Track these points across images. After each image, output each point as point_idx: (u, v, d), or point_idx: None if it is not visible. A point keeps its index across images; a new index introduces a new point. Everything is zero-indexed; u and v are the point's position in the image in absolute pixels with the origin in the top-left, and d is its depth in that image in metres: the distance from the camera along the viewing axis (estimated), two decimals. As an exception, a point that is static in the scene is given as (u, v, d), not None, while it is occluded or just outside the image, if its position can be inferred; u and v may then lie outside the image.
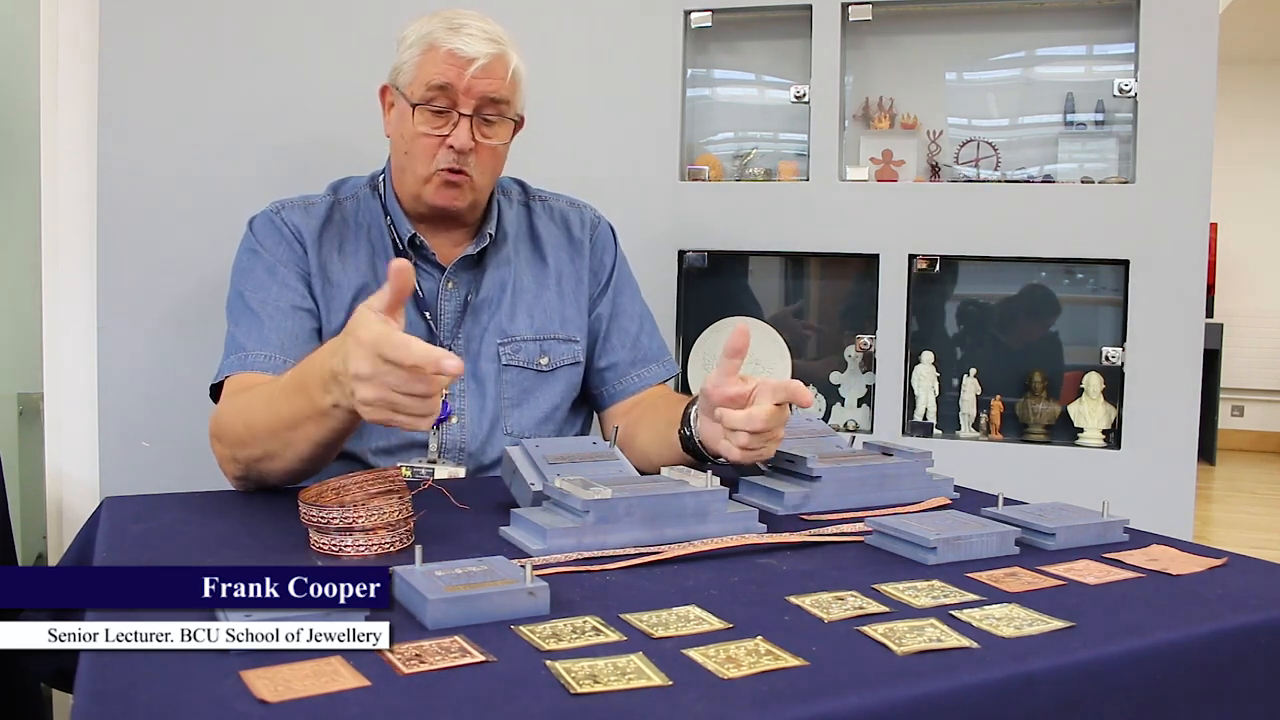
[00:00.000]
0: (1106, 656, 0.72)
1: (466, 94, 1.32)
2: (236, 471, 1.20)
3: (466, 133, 1.32)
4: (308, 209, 1.41)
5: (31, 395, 1.99)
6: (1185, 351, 1.83)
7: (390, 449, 1.36)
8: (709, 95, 2.15)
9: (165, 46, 1.76)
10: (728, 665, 0.66)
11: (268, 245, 1.37)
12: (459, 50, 1.30)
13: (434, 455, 1.37)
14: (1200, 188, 1.80)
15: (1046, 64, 2.04)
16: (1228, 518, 5.08)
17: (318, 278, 1.37)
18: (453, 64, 1.31)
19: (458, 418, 1.39)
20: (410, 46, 1.34)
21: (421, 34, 1.34)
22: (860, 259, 1.99)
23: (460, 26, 1.32)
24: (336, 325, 1.35)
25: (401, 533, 0.94)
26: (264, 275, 1.35)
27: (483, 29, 1.33)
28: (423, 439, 1.37)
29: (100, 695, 0.60)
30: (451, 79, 1.31)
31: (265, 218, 1.40)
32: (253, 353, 1.29)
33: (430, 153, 1.34)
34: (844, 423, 2.05)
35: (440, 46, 1.31)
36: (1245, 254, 6.61)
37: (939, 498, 1.19)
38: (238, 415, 1.19)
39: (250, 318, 1.32)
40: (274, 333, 1.31)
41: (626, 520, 0.96)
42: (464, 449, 1.39)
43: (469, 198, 1.37)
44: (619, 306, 1.52)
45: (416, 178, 1.36)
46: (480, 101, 1.33)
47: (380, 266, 1.40)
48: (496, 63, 1.33)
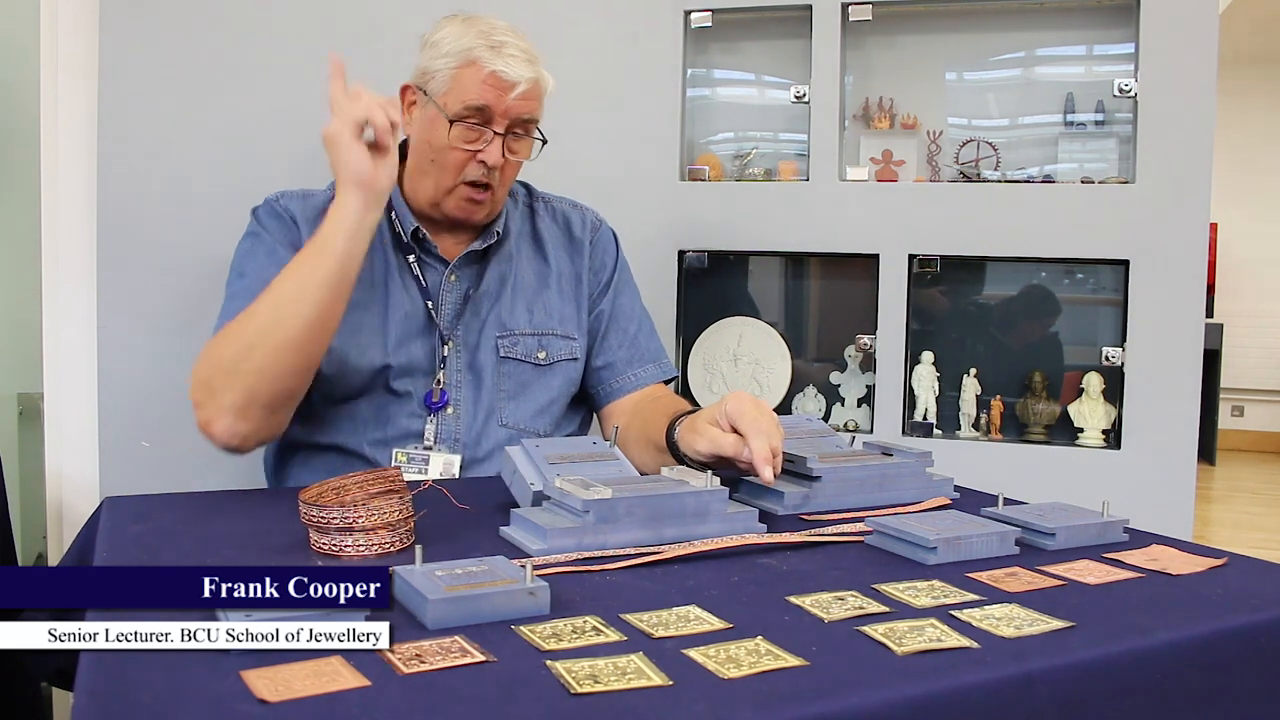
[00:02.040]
0: (1106, 656, 0.72)
1: (504, 115, 1.34)
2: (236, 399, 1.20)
3: (498, 151, 1.35)
4: (305, 199, 1.43)
5: (31, 395, 1.99)
6: (1185, 351, 1.82)
7: (386, 439, 1.37)
8: (709, 95, 2.15)
9: (165, 47, 1.76)
10: (728, 665, 0.66)
11: (269, 228, 1.39)
12: (503, 74, 1.32)
13: (430, 443, 1.38)
14: (1200, 188, 1.80)
15: (1046, 64, 2.04)
16: (1228, 518, 5.08)
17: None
18: (495, 87, 1.32)
19: (454, 408, 1.40)
20: (445, 56, 1.34)
21: (461, 48, 1.33)
22: (860, 259, 1.99)
23: (501, 45, 1.33)
24: None
25: (402, 533, 0.94)
26: (263, 255, 1.37)
27: (521, 49, 1.34)
28: (419, 429, 1.38)
29: (100, 695, 0.60)
30: (491, 101, 1.33)
31: (267, 204, 1.43)
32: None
33: (460, 166, 1.36)
34: (844, 423, 2.05)
35: (483, 66, 1.32)
36: (1245, 254, 6.61)
37: (939, 498, 1.19)
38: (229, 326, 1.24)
39: (243, 292, 1.32)
40: None
41: (627, 520, 0.96)
42: (459, 439, 1.39)
43: (487, 210, 1.41)
44: (618, 307, 1.52)
45: (440, 187, 1.38)
46: (513, 121, 1.35)
47: (378, 259, 1.40)
48: (535, 86, 1.36)
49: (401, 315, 1.40)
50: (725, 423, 1.13)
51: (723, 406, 1.14)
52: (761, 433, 1.09)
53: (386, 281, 1.41)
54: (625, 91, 1.99)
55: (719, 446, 1.12)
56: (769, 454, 1.08)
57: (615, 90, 1.98)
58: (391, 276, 1.41)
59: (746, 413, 1.11)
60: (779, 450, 1.10)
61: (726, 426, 1.13)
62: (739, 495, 1.17)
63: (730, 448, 1.11)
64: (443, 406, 1.39)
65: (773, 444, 1.09)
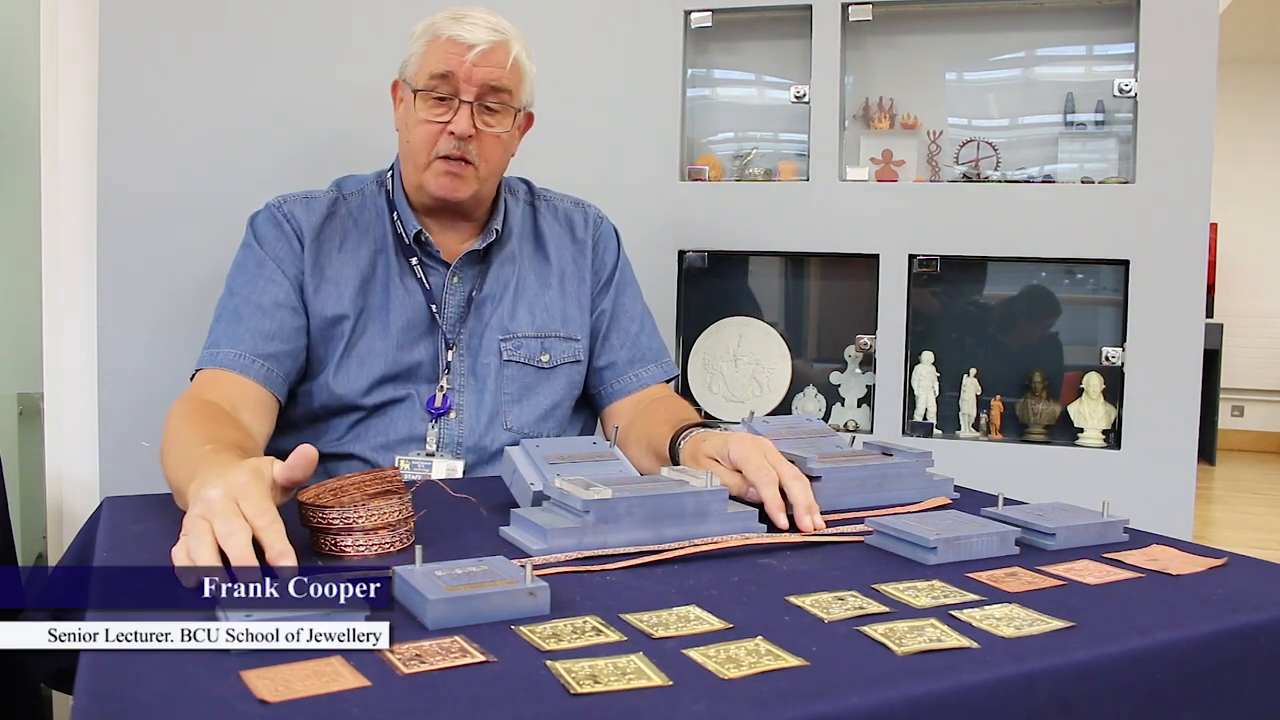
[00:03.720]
0: (1106, 656, 0.72)
1: (468, 81, 1.33)
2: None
3: (467, 119, 1.33)
4: (309, 203, 1.41)
5: (31, 395, 1.99)
6: (1185, 351, 1.82)
7: (389, 444, 1.37)
8: (709, 95, 2.15)
9: (165, 46, 1.76)
10: (728, 665, 0.66)
11: (264, 239, 1.38)
12: (459, 37, 1.32)
13: (432, 449, 1.38)
14: (1200, 188, 1.80)
15: (1046, 64, 2.03)
16: (1228, 518, 5.08)
17: (313, 272, 1.37)
18: (453, 50, 1.32)
19: (456, 412, 1.39)
20: (416, 39, 1.37)
21: (426, 25, 1.37)
22: (860, 259, 1.99)
23: (463, 17, 1.34)
24: (328, 318, 1.36)
25: (402, 533, 0.94)
26: (253, 270, 1.36)
27: (485, 19, 1.35)
28: (421, 433, 1.38)
29: (100, 695, 0.60)
30: (452, 66, 1.33)
31: (267, 212, 1.41)
32: (224, 350, 1.31)
33: (431, 139, 1.35)
34: (844, 423, 2.05)
35: (442, 35, 1.34)
36: (1245, 254, 6.61)
37: (939, 498, 1.19)
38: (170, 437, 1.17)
39: (229, 315, 1.33)
40: (248, 331, 1.32)
41: (627, 520, 0.96)
42: (462, 443, 1.39)
43: (471, 187, 1.38)
44: (620, 306, 1.52)
45: (417, 165, 1.37)
46: (481, 89, 1.34)
47: (381, 262, 1.40)
48: (497, 50, 1.34)
49: (404, 319, 1.39)
50: (728, 464, 1.13)
51: (726, 447, 1.13)
52: (769, 483, 1.07)
53: (388, 285, 1.40)
54: (625, 91, 1.99)
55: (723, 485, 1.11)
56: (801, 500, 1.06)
57: (615, 90, 1.98)
58: (393, 279, 1.40)
59: (750, 462, 1.09)
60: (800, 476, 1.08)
61: (729, 466, 1.13)
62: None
63: (734, 489, 1.09)
64: (445, 412, 1.39)
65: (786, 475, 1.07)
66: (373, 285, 1.39)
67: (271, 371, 1.31)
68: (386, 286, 1.40)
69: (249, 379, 1.29)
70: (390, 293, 1.40)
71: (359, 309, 1.38)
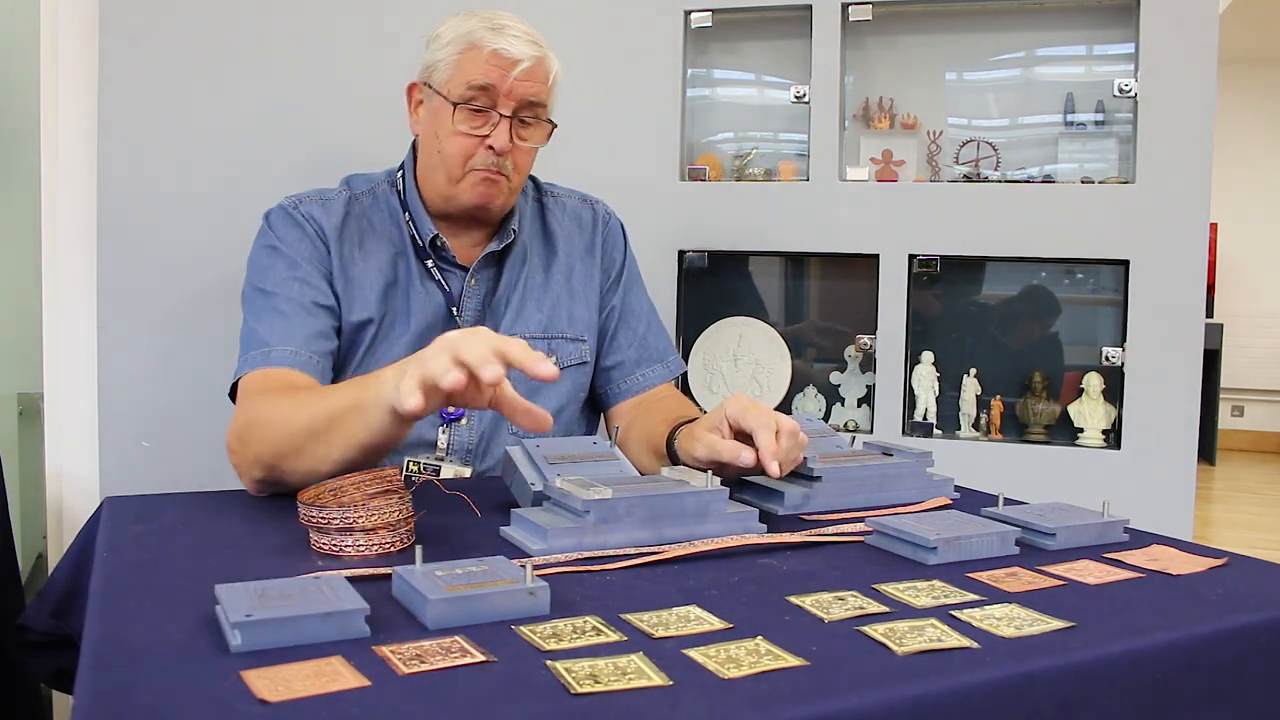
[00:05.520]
0: (1106, 656, 0.72)
1: (508, 96, 1.31)
2: (258, 473, 1.15)
3: (506, 134, 1.31)
4: (325, 204, 1.38)
5: (31, 395, 1.99)
6: (1185, 351, 1.83)
7: (400, 447, 1.36)
8: (709, 95, 2.15)
9: (165, 47, 1.76)
10: (728, 665, 0.66)
11: (288, 240, 1.33)
12: (504, 51, 1.29)
13: (442, 453, 1.37)
14: (1200, 188, 1.80)
15: (1046, 64, 2.04)
16: (1228, 518, 5.08)
17: (339, 275, 1.34)
18: (496, 65, 1.30)
19: (467, 418, 1.38)
20: (447, 45, 1.32)
21: (461, 32, 1.32)
22: (860, 259, 1.99)
23: (503, 27, 1.31)
24: (355, 322, 1.34)
25: (402, 533, 0.94)
26: (285, 271, 1.31)
27: (525, 31, 1.32)
28: (431, 437, 1.37)
29: (100, 695, 0.60)
30: (494, 80, 1.30)
31: (283, 211, 1.36)
32: (277, 348, 1.26)
33: (467, 152, 1.33)
34: (844, 423, 2.05)
35: (483, 46, 1.30)
36: (1245, 254, 6.61)
37: (939, 498, 1.19)
38: (272, 409, 1.15)
39: (273, 314, 1.29)
40: (299, 330, 1.28)
41: (627, 520, 0.96)
42: (470, 449, 1.38)
43: (504, 197, 1.37)
44: (628, 305, 1.51)
45: (450, 177, 1.34)
46: (520, 104, 1.32)
47: (402, 265, 1.39)
48: (539, 66, 1.32)
49: (424, 323, 1.37)
50: (725, 427, 1.13)
51: (722, 411, 1.14)
52: (766, 426, 1.08)
53: (409, 289, 1.38)
54: (625, 91, 1.99)
55: (716, 451, 1.11)
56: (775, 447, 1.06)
57: (615, 90, 1.98)
58: (414, 283, 1.38)
59: (748, 410, 1.11)
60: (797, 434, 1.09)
61: (726, 431, 1.13)
62: (739, 495, 1.17)
63: (727, 452, 1.10)
64: (458, 418, 1.37)
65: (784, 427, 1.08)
66: (396, 289, 1.37)
67: (326, 370, 1.29)
68: (408, 290, 1.38)
69: (307, 375, 1.25)
70: (411, 296, 1.37)
71: (383, 313, 1.35)
